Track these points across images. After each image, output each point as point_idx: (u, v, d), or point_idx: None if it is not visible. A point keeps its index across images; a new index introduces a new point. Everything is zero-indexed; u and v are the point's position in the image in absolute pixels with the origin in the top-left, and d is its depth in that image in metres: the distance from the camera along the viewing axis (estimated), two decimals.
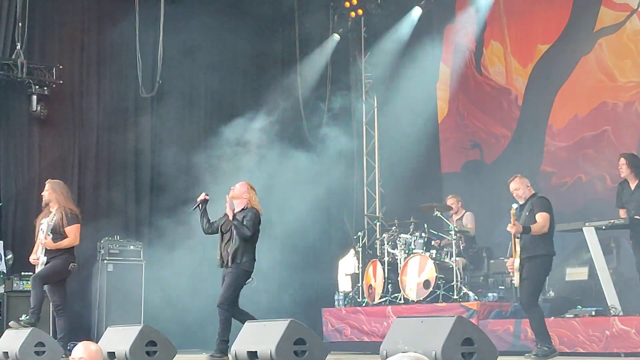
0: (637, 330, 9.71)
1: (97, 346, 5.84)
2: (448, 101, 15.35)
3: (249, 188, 10.22)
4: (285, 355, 7.48)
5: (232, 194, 10.20)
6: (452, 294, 11.93)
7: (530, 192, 9.38)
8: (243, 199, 10.14)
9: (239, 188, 10.22)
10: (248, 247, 10.04)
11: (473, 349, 6.53)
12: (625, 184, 10.78)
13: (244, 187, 10.22)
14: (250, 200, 10.12)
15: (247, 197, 10.13)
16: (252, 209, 10.06)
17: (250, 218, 9.94)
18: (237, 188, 10.22)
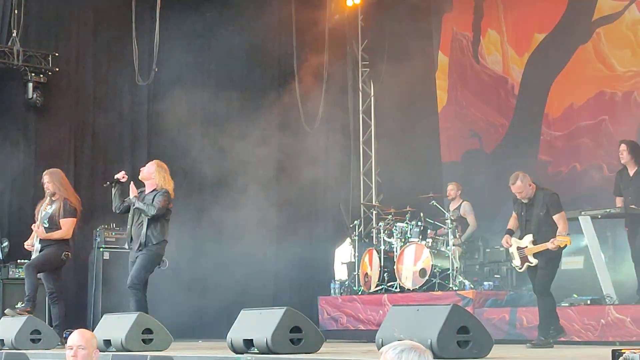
0: (632, 319, 9.74)
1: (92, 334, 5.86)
2: (447, 90, 15.33)
3: (157, 168, 10.12)
4: (281, 343, 7.49)
5: (140, 176, 10.14)
6: (448, 283, 11.95)
7: (533, 189, 9.34)
8: (152, 179, 10.07)
9: (147, 169, 10.14)
10: (159, 229, 9.97)
11: (468, 338, 6.55)
12: (624, 171, 10.76)
13: (152, 167, 10.13)
14: (160, 181, 10.04)
15: (154, 178, 10.04)
16: (164, 190, 9.96)
17: (159, 200, 9.85)
18: (145, 169, 10.14)
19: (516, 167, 13.89)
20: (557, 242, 8.90)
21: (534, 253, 9.17)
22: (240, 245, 14.94)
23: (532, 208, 9.29)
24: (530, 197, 9.33)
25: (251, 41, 15.45)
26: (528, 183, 9.31)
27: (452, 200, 13.28)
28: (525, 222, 9.34)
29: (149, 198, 9.98)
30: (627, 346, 9.12)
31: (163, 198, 9.90)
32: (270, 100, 15.35)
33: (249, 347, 7.68)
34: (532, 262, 9.19)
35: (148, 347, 8.66)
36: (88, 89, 14.22)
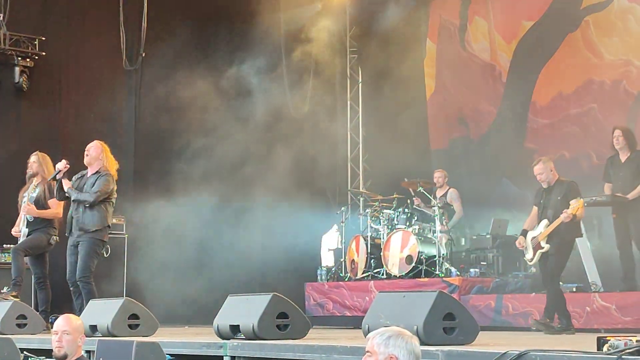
0: (617, 307, 9.80)
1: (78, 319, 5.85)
2: (435, 77, 15.34)
3: (103, 150, 9.99)
4: (267, 329, 7.49)
5: (87, 160, 9.93)
6: (434, 270, 11.99)
7: (554, 176, 9.36)
8: (99, 160, 9.94)
9: (94, 151, 9.96)
10: (101, 215, 9.82)
11: (454, 324, 6.55)
12: (616, 157, 10.74)
13: (98, 149, 9.99)
14: (105, 163, 9.93)
15: (101, 159, 9.93)
16: (106, 173, 9.85)
17: (100, 184, 9.73)
18: (92, 151, 9.95)
19: (503, 154, 14.03)
20: (570, 210, 8.90)
21: (547, 235, 9.15)
22: (227, 231, 14.94)
23: (550, 194, 9.30)
24: (551, 183, 9.33)
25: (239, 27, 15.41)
26: (549, 168, 9.32)
27: (439, 187, 13.30)
28: (543, 208, 9.35)
29: (90, 182, 9.82)
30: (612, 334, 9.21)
31: (104, 181, 9.75)
32: (259, 86, 15.31)
33: (235, 333, 7.68)
34: (544, 247, 9.18)
35: (134, 332, 8.65)
36: (75, 74, 14.15)
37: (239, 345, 7.30)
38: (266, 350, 7.09)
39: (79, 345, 5.64)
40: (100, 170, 9.86)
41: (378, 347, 4.35)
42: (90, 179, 9.90)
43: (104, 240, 10.01)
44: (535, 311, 10.51)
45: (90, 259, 9.83)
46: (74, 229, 9.92)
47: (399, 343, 4.36)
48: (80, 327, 5.71)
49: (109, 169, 9.91)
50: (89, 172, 10.01)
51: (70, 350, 5.64)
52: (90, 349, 7.36)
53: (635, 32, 12.57)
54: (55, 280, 11.38)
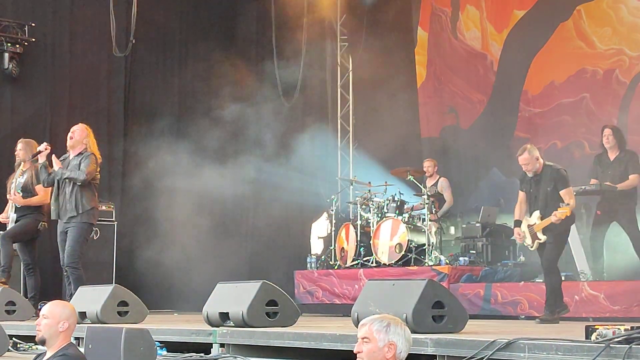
0: (606, 295, 9.83)
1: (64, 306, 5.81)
2: (426, 66, 15.33)
3: (88, 134, 9.99)
4: (257, 316, 7.52)
5: (70, 143, 9.91)
6: (423, 258, 12.00)
7: (540, 163, 9.27)
8: (82, 144, 9.93)
9: (79, 134, 9.93)
10: (88, 197, 9.79)
11: (443, 312, 6.58)
12: (604, 155, 10.78)
13: (83, 133, 9.98)
14: (88, 145, 9.93)
15: (85, 143, 9.91)
16: (90, 153, 9.83)
17: (86, 164, 9.71)
18: (77, 134, 9.92)
19: (493, 143, 14.05)
20: (559, 214, 8.89)
21: (542, 229, 9.16)
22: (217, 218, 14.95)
23: (539, 184, 9.23)
24: (537, 172, 9.26)
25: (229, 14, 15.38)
26: (535, 156, 9.21)
27: (429, 176, 13.31)
28: (533, 198, 9.31)
29: (74, 164, 9.78)
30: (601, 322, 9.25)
31: (90, 161, 9.72)
32: (248, 73, 15.29)
33: (224, 320, 7.70)
34: (541, 239, 9.16)
35: (123, 319, 8.67)
36: (65, 60, 14.09)
37: (228, 332, 7.32)
38: (255, 337, 7.11)
39: (60, 331, 5.58)
40: (84, 152, 9.83)
41: (378, 334, 4.42)
42: (74, 160, 9.87)
43: (93, 224, 9.99)
44: (524, 300, 10.55)
45: (78, 244, 9.79)
46: (61, 214, 9.85)
47: (398, 331, 4.45)
48: (63, 314, 5.63)
49: (92, 150, 9.88)
50: (71, 154, 9.96)
51: (47, 334, 5.60)
52: (79, 336, 7.36)
53: (627, 22, 12.58)
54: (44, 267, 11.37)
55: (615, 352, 5.02)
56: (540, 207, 9.20)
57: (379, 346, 4.43)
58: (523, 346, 5.49)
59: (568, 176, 9.28)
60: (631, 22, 12.54)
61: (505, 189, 13.48)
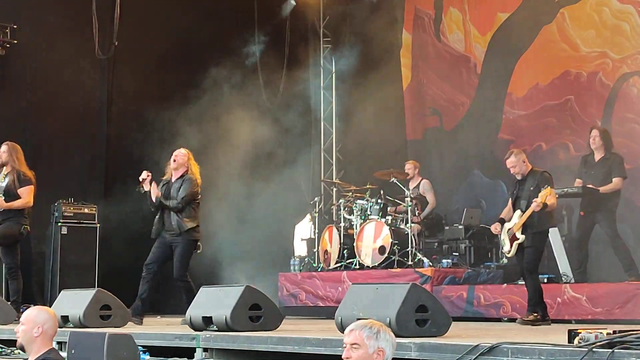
0: (588, 298, 9.88)
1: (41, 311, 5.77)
2: (411, 68, 15.36)
3: (189, 157, 10.45)
4: (240, 321, 7.51)
5: (174, 165, 10.35)
6: (406, 260, 12.01)
7: (527, 167, 9.37)
8: (184, 167, 10.35)
9: (181, 158, 10.36)
10: (191, 215, 10.26)
11: (427, 316, 6.60)
12: (590, 157, 10.88)
13: (185, 157, 10.40)
14: (189, 169, 10.35)
15: (187, 166, 10.35)
16: (190, 177, 10.27)
17: (185, 188, 10.17)
18: (180, 159, 10.35)
19: (476, 145, 14.09)
20: (540, 198, 8.94)
21: (522, 226, 9.17)
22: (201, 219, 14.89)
23: (524, 185, 9.33)
24: (524, 175, 9.35)
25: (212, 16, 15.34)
26: (522, 159, 9.34)
27: (411, 178, 13.33)
28: (516, 199, 9.39)
29: (175, 187, 10.25)
30: (583, 324, 9.30)
31: (189, 185, 10.22)
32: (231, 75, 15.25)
33: (208, 325, 7.69)
34: (520, 238, 9.21)
35: (106, 323, 8.65)
36: (47, 62, 14.01)
37: (211, 337, 7.30)
38: (239, 342, 7.10)
39: (35, 336, 5.54)
40: (185, 175, 10.30)
41: (368, 340, 4.51)
42: (175, 183, 10.32)
43: (197, 239, 10.45)
44: (506, 302, 10.59)
45: (185, 259, 10.34)
46: (166, 232, 10.30)
47: (387, 337, 4.56)
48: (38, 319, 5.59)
49: (193, 172, 10.35)
50: (173, 176, 10.39)
51: (24, 340, 5.58)
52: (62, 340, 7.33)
53: (611, 25, 12.64)
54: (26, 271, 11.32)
55: (598, 357, 5.04)
56: (521, 206, 9.27)
57: (369, 352, 4.52)
58: (506, 350, 5.51)
59: (552, 179, 9.35)
60: (614, 25, 12.60)
61: (487, 192, 13.54)
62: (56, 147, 13.98)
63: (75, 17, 13.91)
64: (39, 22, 14.02)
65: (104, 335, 6.21)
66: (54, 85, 14.05)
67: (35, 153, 13.53)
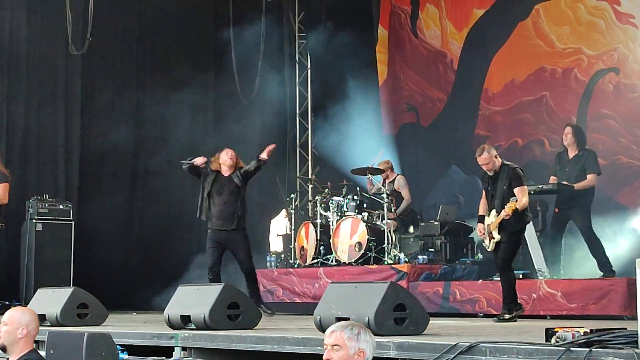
0: (563, 293, 9.95)
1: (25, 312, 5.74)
2: (387, 64, 15.38)
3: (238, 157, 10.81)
4: (218, 319, 7.51)
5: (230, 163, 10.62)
6: (383, 256, 12.03)
7: (499, 162, 9.32)
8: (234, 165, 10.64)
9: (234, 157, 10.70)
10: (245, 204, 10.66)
11: (405, 315, 6.61)
12: (564, 154, 10.93)
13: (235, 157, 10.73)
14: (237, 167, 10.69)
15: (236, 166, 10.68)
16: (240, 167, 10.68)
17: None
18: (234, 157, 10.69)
19: (453, 141, 14.15)
20: (507, 209, 8.95)
21: (497, 227, 9.20)
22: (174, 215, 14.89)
23: (496, 182, 9.28)
24: (497, 170, 9.30)
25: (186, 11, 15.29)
26: (494, 155, 9.27)
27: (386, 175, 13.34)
28: (491, 197, 9.37)
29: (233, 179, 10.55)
30: (558, 320, 9.37)
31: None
32: (206, 71, 15.22)
33: (186, 323, 7.67)
34: (496, 237, 9.21)
35: (83, 321, 8.62)
36: (20, 59, 13.89)
37: (190, 335, 7.28)
38: (218, 341, 7.08)
39: (19, 337, 5.53)
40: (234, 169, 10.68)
41: (349, 342, 4.58)
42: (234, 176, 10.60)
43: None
44: (482, 298, 10.65)
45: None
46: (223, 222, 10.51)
47: (368, 338, 4.64)
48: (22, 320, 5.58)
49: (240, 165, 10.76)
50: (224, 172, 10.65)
51: (7, 341, 5.57)
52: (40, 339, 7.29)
53: (585, 21, 12.73)
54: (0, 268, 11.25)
55: (576, 356, 5.06)
56: (496, 206, 9.27)
57: (350, 353, 4.59)
58: (484, 349, 5.53)
59: (524, 175, 9.36)
60: (589, 22, 12.68)
61: (464, 187, 13.59)
62: (30, 142, 13.87)
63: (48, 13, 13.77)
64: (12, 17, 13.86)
65: (82, 334, 6.18)
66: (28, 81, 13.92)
67: (9, 149, 13.46)
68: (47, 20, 13.82)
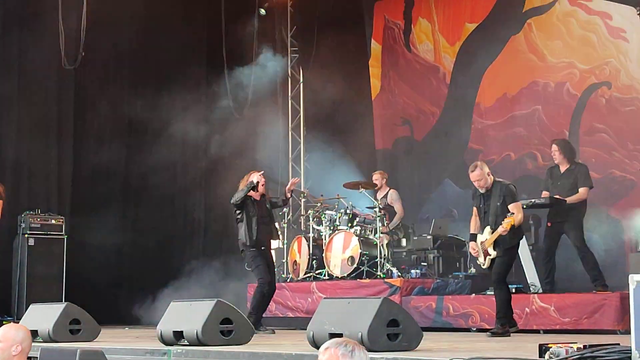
0: (556, 308, 9.94)
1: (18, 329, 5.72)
2: (380, 78, 15.41)
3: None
4: (211, 335, 7.48)
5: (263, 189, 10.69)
6: (375, 271, 12.01)
7: (491, 179, 9.33)
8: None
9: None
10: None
11: (398, 330, 6.60)
12: (555, 169, 10.95)
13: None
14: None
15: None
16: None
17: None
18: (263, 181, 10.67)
19: (446, 155, 14.15)
20: (505, 224, 8.94)
21: (492, 243, 9.19)
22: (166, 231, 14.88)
23: (489, 199, 9.28)
24: (489, 188, 9.30)
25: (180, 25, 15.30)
26: (487, 172, 9.28)
27: (378, 188, 13.34)
28: (484, 214, 9.35)
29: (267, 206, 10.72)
30: (551, 334, 9.36)
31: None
32: (199, 85, 15.22)
33: (178, 339, 7.65)
34: (492, 254, 9.21)
35: (76, 337, 8.58)
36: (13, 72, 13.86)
37: (182, 351, 7.27)
38: (211, 357, 7.07)
39: (14, 354, 5.52)
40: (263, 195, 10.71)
41: (343, 358, 4.56)
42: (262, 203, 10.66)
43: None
44: (475, 312, 10.62)
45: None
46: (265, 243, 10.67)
47: (362, 355, 4.59)
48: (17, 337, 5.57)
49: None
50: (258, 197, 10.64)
51: (1, 358, 5.56)
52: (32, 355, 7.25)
53: (577, 35, 12.76)
54: None
55: None
56: (490, 222, 9.26)
57: None
58: None
59: (517, 192, 9.38)
60: (581, 36, 12.72)
61: (458, 200, 13.58)
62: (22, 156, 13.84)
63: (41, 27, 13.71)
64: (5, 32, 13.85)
65: (75, 351, 6.16)
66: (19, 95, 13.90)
67: (1, 163, 13.42)
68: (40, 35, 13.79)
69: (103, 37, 13.91)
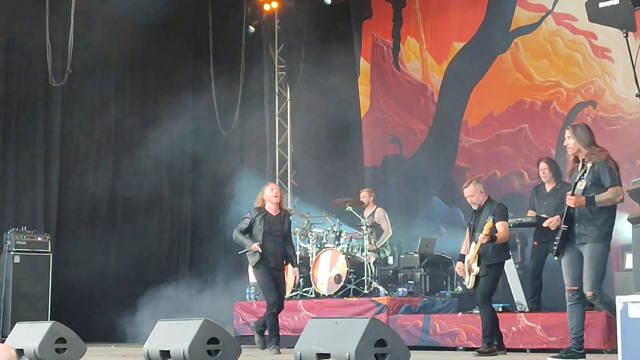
0: (543, 327, 9.93)
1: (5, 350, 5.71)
2: (369, 96, 15.45)
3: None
4: (198, 354, 7.44)
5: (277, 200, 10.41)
6: (362, 289, 12.00)
7: (484, 197, 9.41)
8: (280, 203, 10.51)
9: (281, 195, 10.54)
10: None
11: (386, 350, 6.59)
12: (541, 187, 10.94)
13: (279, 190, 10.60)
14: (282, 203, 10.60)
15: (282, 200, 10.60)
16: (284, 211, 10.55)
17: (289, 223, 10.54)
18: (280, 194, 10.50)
19: (434, 173, 14.18)
20: (485, 228, 8.97)
21: (476, 257, 9.20)
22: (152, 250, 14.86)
23: (479, 216, 9.34)
24: (481, 205, 9.38)
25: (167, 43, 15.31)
26: (480, 189, 9.36)
27: (365, 206, 13.34)
28: (472, 230, 9.40)
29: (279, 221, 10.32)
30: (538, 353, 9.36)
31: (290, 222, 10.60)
32: (186, 103, 15.22)
33: (165, 358, 7.61)
34: (474, 270, 9.24)
35: (62, 356, 8.51)
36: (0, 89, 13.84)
37: None
38: None
39: None
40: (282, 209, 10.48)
41: None
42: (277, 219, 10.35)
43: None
44: (462, 331, 10.61)
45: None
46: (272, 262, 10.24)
47: None
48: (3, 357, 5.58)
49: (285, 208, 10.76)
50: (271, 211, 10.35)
51: None
52: None
53: (564, 55, 12.84)
54: None
55: None
56: (476, 239, 9.28)
57: None
58: None
59: (507, 211, 9.41)
60: (567, 55, 12.79)
61: (446, 218, 13.60)
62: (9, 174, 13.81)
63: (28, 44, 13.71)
64: None
65: None
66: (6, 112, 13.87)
67: None
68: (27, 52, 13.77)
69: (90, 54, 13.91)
